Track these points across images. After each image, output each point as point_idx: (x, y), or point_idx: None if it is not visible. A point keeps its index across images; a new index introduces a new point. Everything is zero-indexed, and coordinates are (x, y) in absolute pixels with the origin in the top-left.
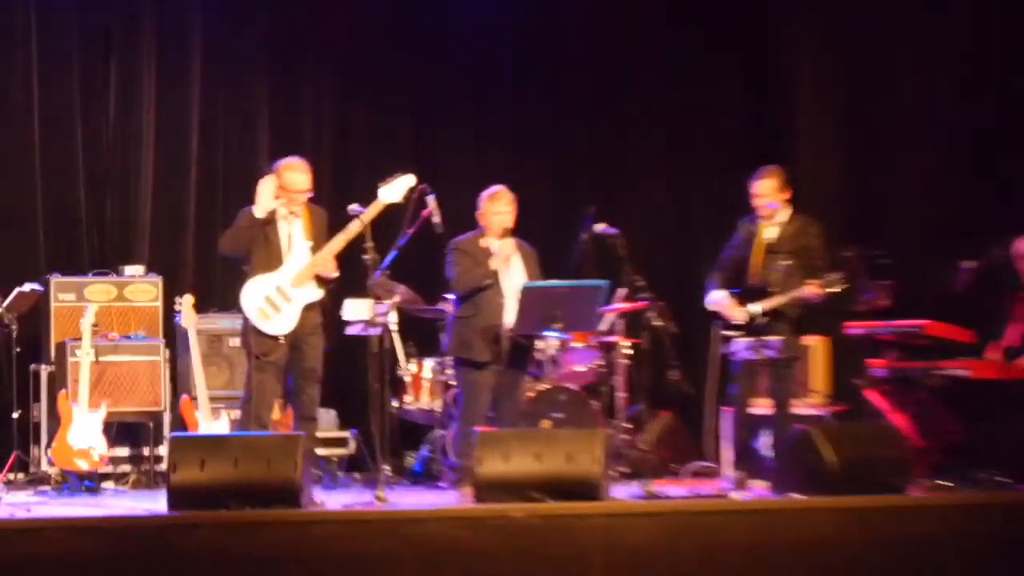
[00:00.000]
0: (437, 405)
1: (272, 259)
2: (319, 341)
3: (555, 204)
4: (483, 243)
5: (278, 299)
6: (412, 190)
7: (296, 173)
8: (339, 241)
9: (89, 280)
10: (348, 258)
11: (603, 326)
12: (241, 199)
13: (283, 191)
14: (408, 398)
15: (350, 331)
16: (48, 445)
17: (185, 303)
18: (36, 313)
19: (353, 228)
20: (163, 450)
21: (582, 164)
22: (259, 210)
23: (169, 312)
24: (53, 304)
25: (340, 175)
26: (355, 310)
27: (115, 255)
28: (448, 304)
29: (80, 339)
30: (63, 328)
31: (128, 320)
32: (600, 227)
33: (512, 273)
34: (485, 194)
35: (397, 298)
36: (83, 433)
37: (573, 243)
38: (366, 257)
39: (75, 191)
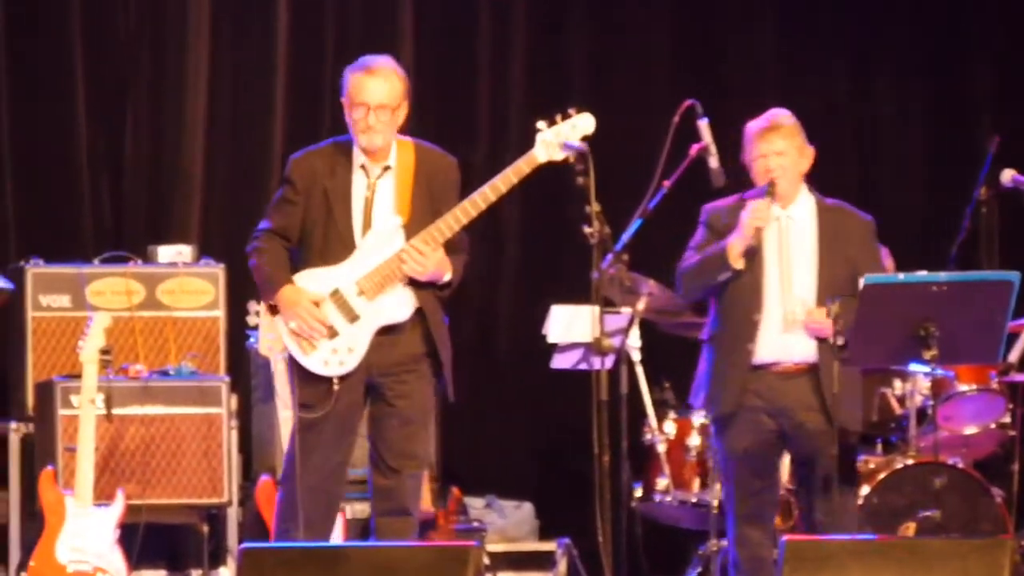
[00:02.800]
0: (715, 495)
1: (333, 241)
2: (422, 388)
3: (927, 137)
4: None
5: (334, 314)
6: (585, 138)
7: (362, 76)
8: (457, 217)
9: (95, 270)
10: (553, 234)
11: (1013, 355)
12: None
13: (348, 108)
14: (662, 482)
15: (558, 363)
16: (22, 564)
17: (266, 312)
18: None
19: (483, 197)
20: (226, 574)
21: (974, 71)
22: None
23: (239, 327)
24: (30, 313)
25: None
26: (567, 326)
27: (141, 229)
28: None
29: (79, 376)
30: (48, 357)
31: (166, 342)
32: (1009, 176)
33: (790, 258)
34: (751, 124)
35: (643, 304)
36: (84, 543)
37: (957, 206)
38: (588, 231)
39: (69, 125)
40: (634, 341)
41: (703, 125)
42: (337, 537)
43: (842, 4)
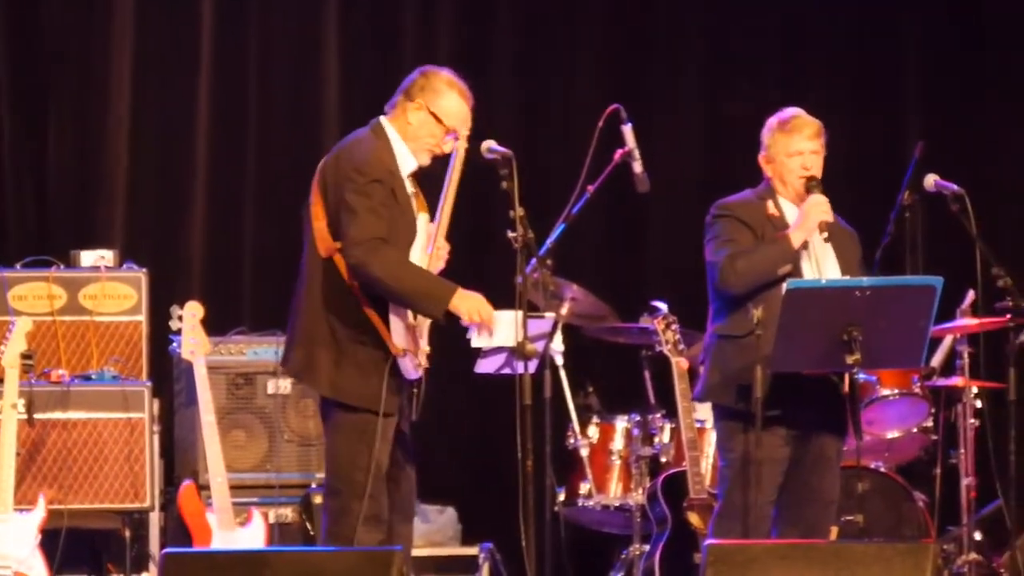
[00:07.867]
0: (636, 499)
1: (410, 242)
2: None
3: (851, 142)
4: (772, 208)
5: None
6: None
7: (458, 99)
8: (446, 212)
9: (17, 275)
10: (478, 238)
11: (935, 359)
12: (298, 135)
13: (434, 124)
14: (585, 487)
15: (482, 367)
16: None
17: (189, 317)
18: None
19: (451, 189)
20: None
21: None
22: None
23: (161, 332)
24: None
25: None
26: (491, 330)
27: (64, 233)
28: (661, 320)
29: (0, 381)
30: None
31: (88, 346)
32: (932, 181)
33: (823, 261)
34: (774, 121)
35: (567, 308)
36: (5, 548)
37: (881, 210)
38: (512, 235)
39: None
40: (557, 346)
41: (627, 130)
42: (259, 541)
43: (769, 12)
